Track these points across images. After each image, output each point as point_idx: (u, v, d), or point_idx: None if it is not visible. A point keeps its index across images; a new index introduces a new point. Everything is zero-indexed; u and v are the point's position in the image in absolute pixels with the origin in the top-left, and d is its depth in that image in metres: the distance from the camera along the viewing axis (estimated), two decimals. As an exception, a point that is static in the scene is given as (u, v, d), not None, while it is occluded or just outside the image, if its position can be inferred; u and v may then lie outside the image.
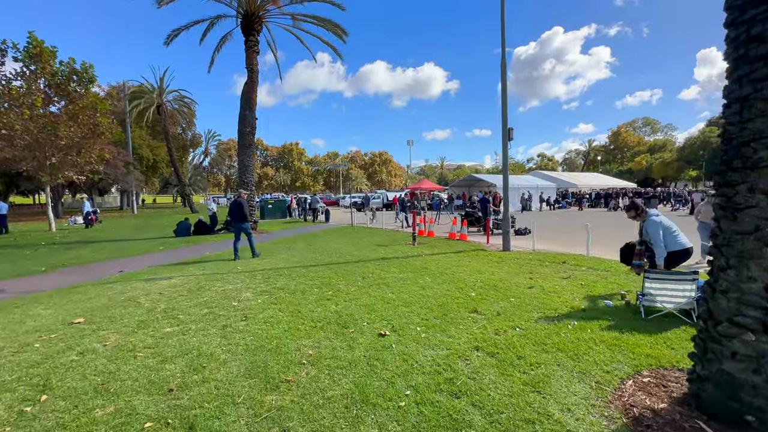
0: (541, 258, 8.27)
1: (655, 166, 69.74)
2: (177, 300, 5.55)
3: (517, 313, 4.66)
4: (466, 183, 37.24)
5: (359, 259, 8.88)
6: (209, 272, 7.65)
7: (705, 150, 62.19)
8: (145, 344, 3.88)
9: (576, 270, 7.06)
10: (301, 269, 7.76)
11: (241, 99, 15.82)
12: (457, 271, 7.16)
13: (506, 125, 9.82)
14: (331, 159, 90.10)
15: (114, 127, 19.19)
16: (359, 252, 9.90)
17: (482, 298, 5.36)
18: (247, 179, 16.03)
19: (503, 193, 10.11)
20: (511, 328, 4.13)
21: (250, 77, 15.60)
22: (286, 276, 7.10)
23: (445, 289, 5.89)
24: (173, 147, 39.37)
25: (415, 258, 8.78)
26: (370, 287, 6.13)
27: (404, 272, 7.25)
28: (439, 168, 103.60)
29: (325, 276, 7.04)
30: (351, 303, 5.26)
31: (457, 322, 4.40)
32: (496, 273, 6.96)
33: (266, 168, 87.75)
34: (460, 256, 9.02)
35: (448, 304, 5.11)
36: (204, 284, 6.55)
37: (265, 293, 5.88)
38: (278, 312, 4.89)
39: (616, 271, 6.80)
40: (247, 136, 15.74)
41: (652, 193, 32.21)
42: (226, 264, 8.56)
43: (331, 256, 9.43)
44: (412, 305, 5.08)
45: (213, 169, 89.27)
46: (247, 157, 15.93)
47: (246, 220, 9.18)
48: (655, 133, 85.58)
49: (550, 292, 5.58)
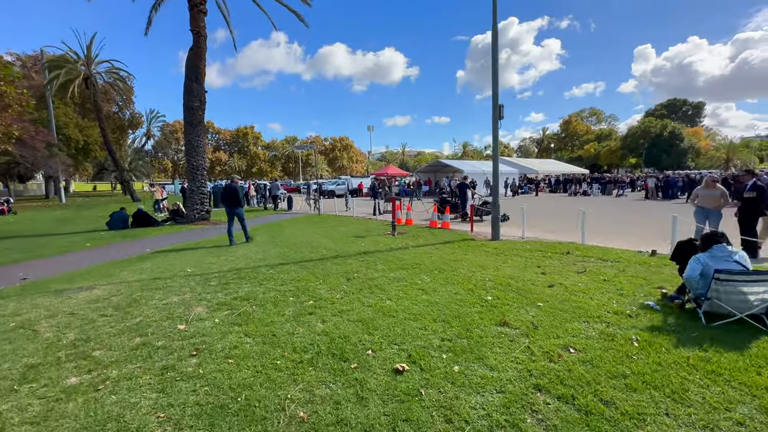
0: (541, 248, 7.53)
1: (602, 153, 74.20)
2: (96, 324, 3.99)
3: (556, 323, 3.73)
4: (431, 169, 36.72)
5: (336, 253, 7.61)
6: (147, 277, 6.01)
7: (645, 139, 66.79)
8: (26, 417, 2.42)
9: (586, 262, 6.35)
10: (268, 269, 6.36)
11: (186, 67, 13.51)
12: (457, 267, 6.16)
13: (497, 102, 8.88)
14: (290, 143, 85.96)
15: (25, 98, 15.89)
16: (335, 245, 8.61)
17: (502, 302, 4.38)
18: (197, 162, 13.89)
19: (493, 178, 9.25)
20: (563, 349, 3.17)
21: (197, 42, 13.31)
22: (249, 279, 5.68)
23: (452, 292, 4.85)
24: (108, 127, 34.74)
25: (401, 251, 7.68)
26: (359, 292, 4.94)
27: (394, 270, 6.12)
28: (400, 154, 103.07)
29: (299, 278, 5.72)
30: (341, 317, 4.04)
31: (489, 341, 3.36)
32: (501, 268, 6.05)
33: (219, 153, 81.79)
34: (451, 247, 8.06)
35: (466, 313, 4.07)
36: (139, 296, 4.97)
37: (223, 307, 4.47)
38: (244, 338, 3.56)
39: (629, 262, 6.17)
40: (195, 112, 13.54)
41: (608, 178, 33.66)
42: (170, 264, 6.91)
43: (302, 250, 8.06)
44: (421, 318, 3.97)
45: (158, 153, 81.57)
46: (196, 137, 13.76)
47: (241, 204, 9.23)
48: (600, 123, 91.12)
49: (576, 291, 4.73)
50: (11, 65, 16.49)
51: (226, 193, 9.19)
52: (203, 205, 14.14)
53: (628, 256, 6.64)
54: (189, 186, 14.22)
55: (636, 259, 6.38)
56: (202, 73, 13.56)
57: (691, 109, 79.44)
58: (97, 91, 30.90)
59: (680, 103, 79.86)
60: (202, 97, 13.65)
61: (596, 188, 30.01)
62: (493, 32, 8.83)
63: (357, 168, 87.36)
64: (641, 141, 67.06)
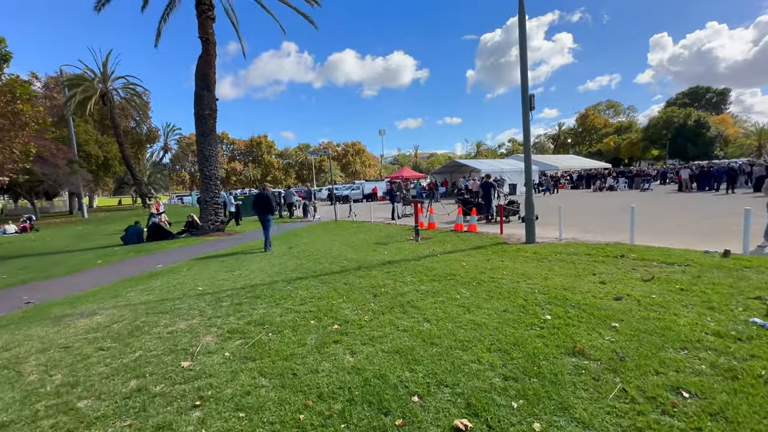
0: (587, 251, 6.68)
1: (622, 146, 71.59)
2: (89, 362, 3.43)
3: (646, 352, 2.95)
4: (447, 169, 35.82)
5: (358, 264, 6.96)
6: (155, 298, 5.48)
7: (667, 129, 64.01)
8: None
9: (648, 266, 5.48)
10: (285, 285, 5.75)
11: (196, 76, 13.21)
12: (497, 277, 5.41)
13: (527, 92, 8.09)
14: (303, 150, 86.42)
15: (41, 116, 15.97)
16: (356, 254, 7.96)
17: (565, 322, 3.62)
18: (210, 172, 13.54)
19: (525, 175, 8.45)
20: (674, 393, 2.40)
21: (206, 49, 13.00)
22: (265, 298, 5.07)
23: (499, 310, 4.10)
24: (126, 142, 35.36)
25: (429, 259, 6.96)
26: (390, 312, 4.25)
27: (426, 282, 5.41)
28: (412, 157, 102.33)
29: (320, 295, 5.08)
30: (373, 347, 3.37)
31: (568, 381, 2.62)
32: (549, 277, 5.26)
33: (234, 163, 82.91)
34: (484, 253, 7.29)
35: (525, 339, 3.33)
36: (143, 322, 4.42)
37: (235, 334, 3.86)
38: (259, 378, 2.92)
39: (701, 265, 5.28)
40: (206, 121, 13.20)
41: (635, 171, 32.00)
42: (181, 282, 6.39)
43: (321, 262, 7.44)
44: (470, 346, 3.26)
45: (175, 166, 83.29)
46: (208, 146, 13.42)
47: (270, 212, 9.54)
48: (618, 115, 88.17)
49: (652, 306, 3.92)
50: (28, 84, 16.65)
51: (258, 200, 9.58)
52: (217, 216, 13.77)
53: (696, 257, 5.73)
54: (203, 196, 13.88)
55: (707, 261, 5.48)
56: (212, 81, 13.23)
57: (716, 96, 75.94)
58: (114, 107, 31.46)
59: (703, 90, 76.47)
60: (213, 106, 13.31)
61: (623, 182, 28.51)
62: (520, 20, 8.07)
63: (370, 172, 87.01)
64: (664, 132, 64.30)
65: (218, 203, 13.81)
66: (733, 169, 20.26)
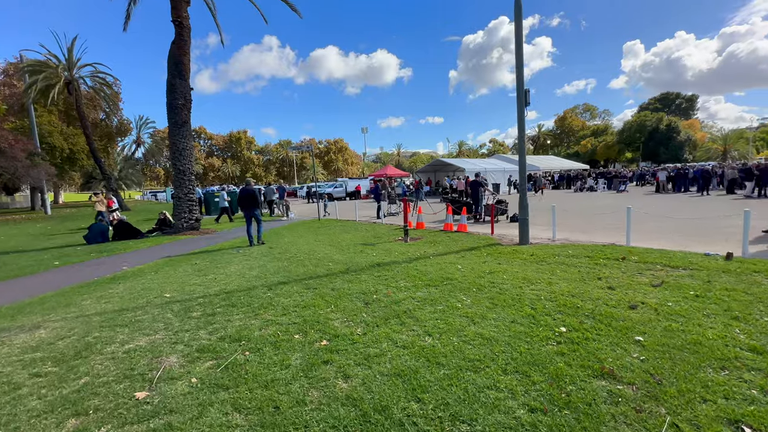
0: (587, 253, 6.40)
1: (598, 148, 73.68)
2: (19, 394, 2.78)
3: (682, 373, 2.59)
4: (431, 168, 35.65)
5: (346, 267, 6.44)
6: (114, 307, 4.79)
7: (641, 133, 66.25)
8: None
9: (653, 270, 5.22)
10: (265, 292, 5.17)
11: (169, 63, 12.28)
12: (497, 282, 5.01)
13: (522, 86, 7.77)
14: (284, 147, 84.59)
15: (-7, 103, 14.54)
16: (342, 256, 7.43)
17: (583, 336, 3.24)
18: (184, 166, 12.64)
19: (520, 174, 8.13)
20: (733, 428, 2.03)
21: (179, 33, 12.09)
22: (242, 307, 4.49)
23: (507, 320, 3.69)
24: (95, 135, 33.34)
25: (421, 262, 6.52)
26: (385, 323, 3.77)
27: (421, 287, 4.97)
28: (395, 155, 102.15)
29: (305, 303, 4.54)
30: (370, 368, 2.88)
31: (604, 412, 2.21)
32: (553, 282, 4.91)
33: (212, 159, 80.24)
34: (478, 255, 6.92)
35: (543, 356, 2.92)
36: (95, 338, 3.76)
37: (206, 354, 3.28)
38: (232, 413, 2.38)
39: (707, 269, 5.05)
40: (179, 111, 12.29)
41: (614, 173, 32.73)
42: (146, 287, 5.69)
43: (305, 264, 6.88)
44: (483, 366, 2.82)
45: (149, 161, 79.77)
46: (182, 138, 12.52)
47: (258, 207, 9.63)
48: (594, 119, 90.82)
49: (672, 315, 3.60)
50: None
51: (244, 196, 9.44)
52: (192, 213, 12.90)
53: (698, 260, 5.53)
54: (176, 192, 12.96)
55: (712, 264, 5.27)
56: (186, 69, 12.33)
57: (684, 102, 79.28)
58: (80, 97, 29.51)
59: (673, 96, 79.70)
60: (187, 95, 12.42)
61: (602, 183, 29.08)
62: (517, 14, 7.73)
63: (352, 170, 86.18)
64: (637, 135, 66.52)
65: (193, 200, 12.93)
66: (707, 172, 20.88)
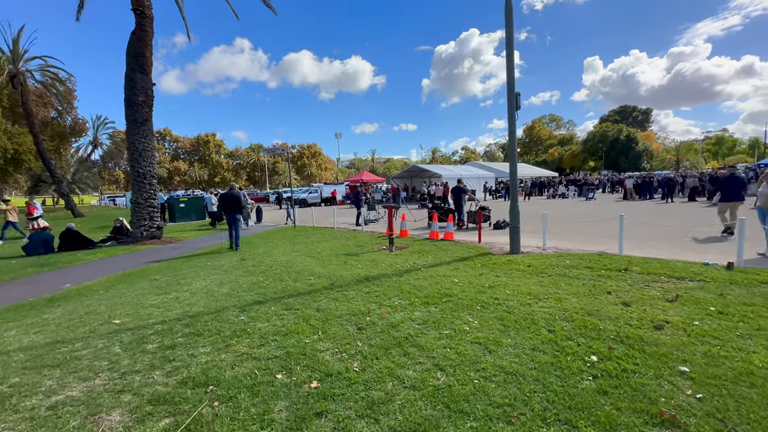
0: (585, 263, 6.09)
1: (565, 157, 76.89)
2: None
3: (758, 419, 2.18)
4: (408, 174, 35.43)
5: (330, 281, 5.78)
6: (46, 339, 3.89)
7: (603, 143, 69.75)
8: None
9: (661, 282, 4.95)
10: (237, 314, 4.43)
11: (128, 55, 11.16)
12: (501, 298, 4.55)
13: (513, 90, 7.48)
14: (255, 152, 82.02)
15: None
16: (323, 268, 6.75)
17: (620, 366, 2.80)
18: (144, 169, 11.48)
19: (511, 179, 7.82)
20: None
21: (140, 23, 11.02)
22: (209, 336, 3.74)
23: (526, 347, 3.21)
24: (45, 134, 30.55)
25: (413, 275, 5.97)
26: (386, 355, 3.18)
27: (418, 306, 4.41)
28: (369, 161, 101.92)
29: (287, 329, 3.85)
30: (377, 422, 2.27)
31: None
32: (562, 298, 4.49)
33: (177, 162, 76.34)
34: (472, 266, 6.46)
35: (584, 398, 2.43)
36: (10, 387, 2.91)
37: (161, 407, 2.55)
38: None
39: (714, 281, 4.83)
40: (139, 108, 11.17)
41: (584, 180, 33.83)
42: (92, 310, 4.77)
43: (283, 278, 6.15)
44: (515, 411, 2.29)
45: (107, 163, 74.69)
46: (142, 138, 11.37)
47: (241, 211, 9.73)
48: (560, 129, 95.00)
49: (705, 337, 3.24)
50: None
51: (228, 200, 9.50)
52: (153, 221, 11.72)
53: (701, 271, 5.34)
54: (134, 197, 11.75)
55: (717, 275, 5.08)
56: (148, 62, 11.25)
57: (641, 114, 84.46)
58: (27, 93, 26.94)
59: (630, 109, 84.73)
60: (149, 91, 11.33)
61: (573, 190, 29.96)
62: (507, 19, 7.46)
63: (326, 175, 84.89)
64: (600, 145, 69.96)
65: (154, 205, 11.76)
66: (672, 180, 21.87)
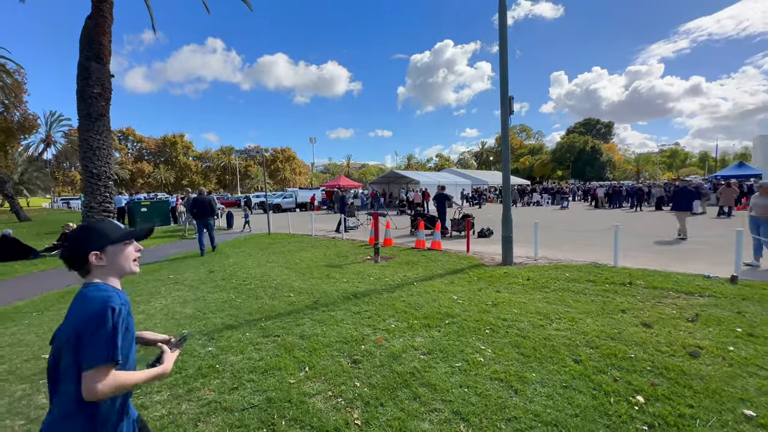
0: (587, 277, 5.75)
1: (535, 166, 79.54)
2: None
3: None
4: (385, 180, 35.04)
5: (313, 299, 5.11)
6: (-54, 386, 2.99)
7: (570, 153, 72.78)
8: None
9: (668, 297, 4.66)
10: (204, 343, 3.69)
11: (81, 43, 10.00)
12: (509, 319, 4.07)
13: (506, 93, 7.17)
14: (225, 154, 79.03)
15: None
16: (304, 282, 6.06)
17: (673, 411, 2.36)
18: (98, 169, 10.29)
19: (504, 187, 7.46)
20: None
21: (97, 8, 9.90)
22: (167, 376, 3.00)
23: (557, 384, 2.72)
24: (-17, 128, 27.60)
25: (405, 290, 5.41)
26: (392, 398, 2.59)
27: (417, 328, 3.86)
28: (344, 166, 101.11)
29: (265, 363, 3.18)
30: None
31: None
32: (576, 317, 4.07)
33: (141, 163, 72.14)
34: (467, 279, 5.99)
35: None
36: None
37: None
38: None
39: (724, 296, 4.59)
40: (94, 102, 10.01)
41: (557, 188, 34.70)
42: (18, 340, 3.85)
43: (258, 295, 5.41)
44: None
45: (62, 163, 69.39)
46: (97, 135, 10.20)
47: (213, 216, 9.65)
48: (530, 138, 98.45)
49: (748, 366, 2.88)
50: None
51: (199, 205, 9.38)
52: (108, 227, 10.51)
53: (706, 284, 5.13)
54: (87, 200, 10.52)
55: (723, 289, 4.87)
56: (106, 51, 10.14)
57: (603, 127, 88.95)
58: (-34, 83, 24.29)
59: (594, 122, 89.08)
60: (106, 83, 10.20)
61: (546, 198, 30.62)
62: (501, 17, 7.17)
63: (300, 180, 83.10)
64: (567, 155, 72.91)
65: (109, 210, 10.57)
66: (641, 190, 22.71)
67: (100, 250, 1.22)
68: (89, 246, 1.21)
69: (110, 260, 1.23)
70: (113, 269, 1.25)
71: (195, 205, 9.45)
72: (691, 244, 8.85)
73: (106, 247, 1.23)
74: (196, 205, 9.41)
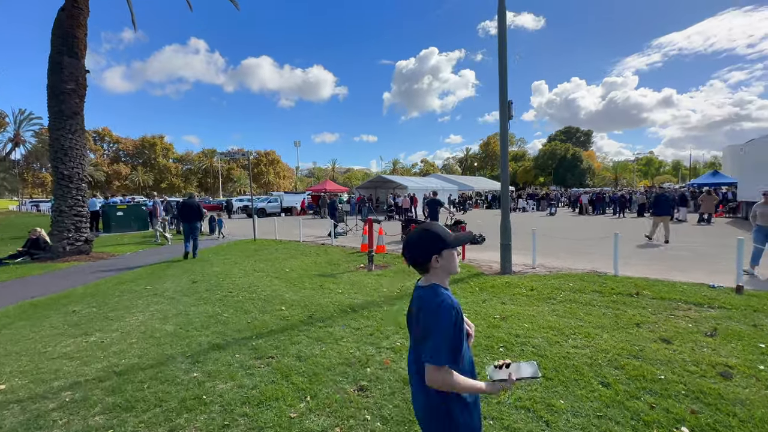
0: (593, 287, 5.56)
1: (518, 172, 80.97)
2: None
3: None
4: (372, 184, 34.72)
5: (308, 313, 4.73)
6: None
7: (552, 160, 74.48)
8: None
9: (679, 308, 4.51)
10: (187, 368, 3.27)
11: (54, 35, 9.32)
12: (521, 334, 3.81)
13: (505, 97, 7.02)
14: (207, 157, 77.14)
15: None
16: (296, 294, 5.66)
17: (722, 443, 2.13)
18: (70, 171, 9.59)
19: (502, 192, 7.28)
20: None
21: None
22: (144, 410, 2.58)
23: (589, 412, 2.46)
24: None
25: (405, 301, 5.06)
26: (409, 434, 2.26)
27: (426, 348, 3.55)
28: (329, 171, 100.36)
29: (260, 392, 2.80)
30: None
31: None
32: (591, 332, 3.85)
33: (118, 165, 69.54)
34: (469, 289, 5.73)
35: None
36: None
37: None
38: None
39: (735, 307, 4.47)
40: (67, 98, 9.34)
41: (541, 195, 35.17)
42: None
43: (246, 308, 4.99)
44: None
45: (32, 164, 66.15)
46: (69, 134, 9.51)
47: (200, 220, 9.68)
48: (513, 145, 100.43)
49: (786, 388, 2.71)
50: None
51: (187, 208, 9.47)
52: (80, 232, 9.79)
53: (713, 295, 5.02)
54: (57, 204, 9.78)
55: (733, 300, 4.76)
56: (81, 45, 9.51)
57: (583, 135, 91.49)
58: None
59: (574, 130, 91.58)
60: (81, 79, 9.55)
61: (532, 204, 30.99)
62: (500, 21, 7.03)
63: (284, 184, 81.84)
64: (549, 162, 74.56)
65: (81, 214, 9.86)
66: (624, 197, 23.20)
67: (438, 253, 1.32)
68: (432, 249, 1.33)
69: (445, 263, 1.34)
70: (446, 270, 1.36)
71: (184, 208, 9.67)
72: (677, 250, 8.92)
73: (443, 251, 1.33)
74: (185, 208, 9.61)
